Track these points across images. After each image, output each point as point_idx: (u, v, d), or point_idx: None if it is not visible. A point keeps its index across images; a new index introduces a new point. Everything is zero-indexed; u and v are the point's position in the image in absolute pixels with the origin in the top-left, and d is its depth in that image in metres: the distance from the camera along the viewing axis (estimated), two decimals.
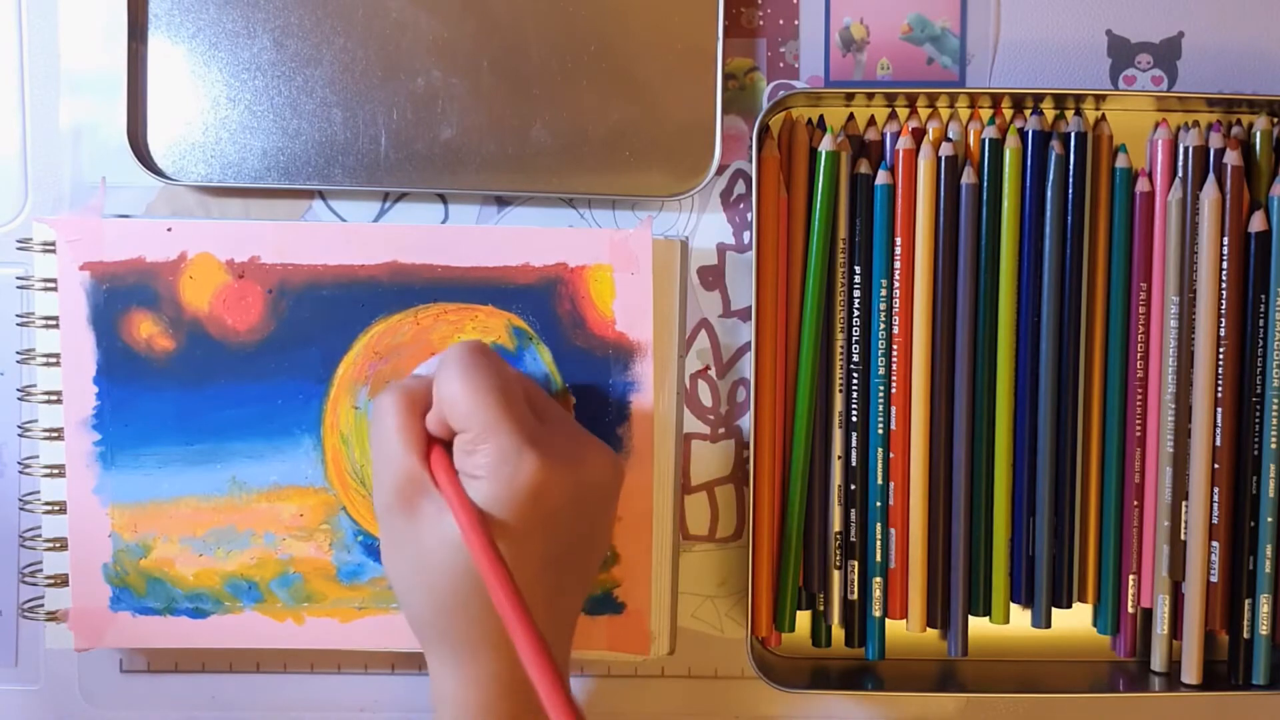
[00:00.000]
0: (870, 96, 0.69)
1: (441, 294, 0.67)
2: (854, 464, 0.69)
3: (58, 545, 0.68)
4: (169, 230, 0.67)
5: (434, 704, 0.59)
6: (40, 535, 0.68)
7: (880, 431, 0.69)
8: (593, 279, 0.67)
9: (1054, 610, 0.70)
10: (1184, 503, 0.68)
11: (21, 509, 0.69)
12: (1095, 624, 0.71)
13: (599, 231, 0.68)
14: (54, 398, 0.67)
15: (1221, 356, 0.68)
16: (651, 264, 0.67)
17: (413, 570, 0.58)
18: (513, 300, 0.67)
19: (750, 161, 0.69)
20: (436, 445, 0.58)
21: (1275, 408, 0.67)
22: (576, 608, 0.62)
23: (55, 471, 0.68)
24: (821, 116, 0.69)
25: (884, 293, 0.68)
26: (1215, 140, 0.68)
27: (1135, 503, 0.69)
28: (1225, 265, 0.67)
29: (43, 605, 0.68)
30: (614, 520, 0.61)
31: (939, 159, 0.68)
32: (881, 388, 0.68)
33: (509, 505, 0.55)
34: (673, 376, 0.68)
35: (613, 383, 0.67)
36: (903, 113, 0.69)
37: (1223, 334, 0.68)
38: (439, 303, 0.67)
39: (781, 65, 0.70)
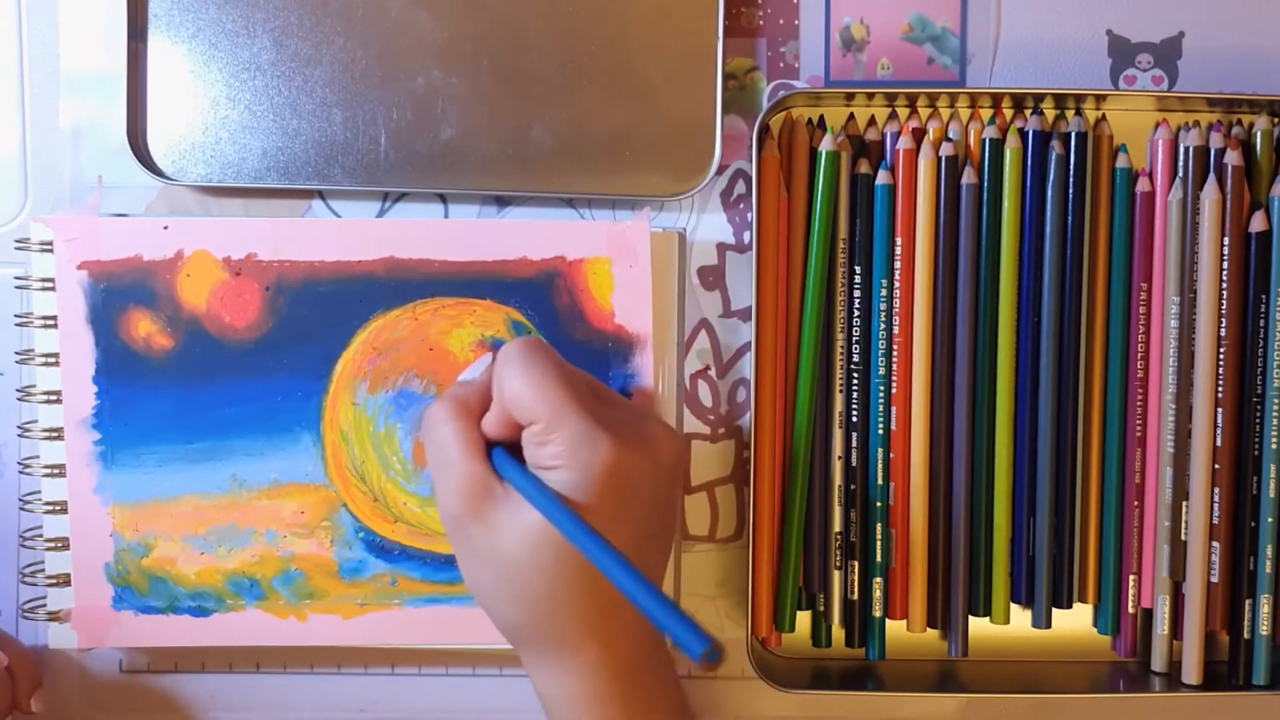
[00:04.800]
0: (870, 96, 0.69)
1: (439, 289, 0.67)
2: (854, 464, 0.69)
3: (59, 545, 0.68)
4: (165, 228, 0.67)
5: (544, 705, 0.59)
6: (41, 535, 0.68)
7: (880, 431, 0.69)
8: (591, 272, 0.67)
9: (1054, 610, 0.70)
10: (1184, 503, 0.68)
11: (22, 509, 0.69)
12: (1095, 624, 0.71)
13: (597, 224, 0.68)
14: (53, 398, 0.67)
15: (1222, 356, 0.68)
16: (649, 256, 0.67)
17: (497, 577, 0.57)
18: (511, 294, 0.67)
19: (750, 161, 0.69)
20: (498, 448, 0.58)
21: (1276, 408, 0.67)
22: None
23: (55, 471, 0.68)
24: (821, 116, 0.69)
25: (884, 293, 0.68)
26: (1216, 140, 0.68)
27: (1135, 503, 0.69)
28: (1225, 265, 0.67)
29: (43, 605, 0.68)
30: (682, 498, 0.61)
31: (939, 159, 0.68)
32: (881, 388, 0.68)
33: (590, 489, 0.55)
34: (672, 368, 0.68)
35: (612, 375, 0.67)
36: (903, 113, 0.69)
37: (1223, 334, 0.68)
38: (437, 297, 0.67)
39: (781, 65, 0.70)
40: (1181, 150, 0.68)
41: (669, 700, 0.60)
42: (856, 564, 0.69)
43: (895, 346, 0.68)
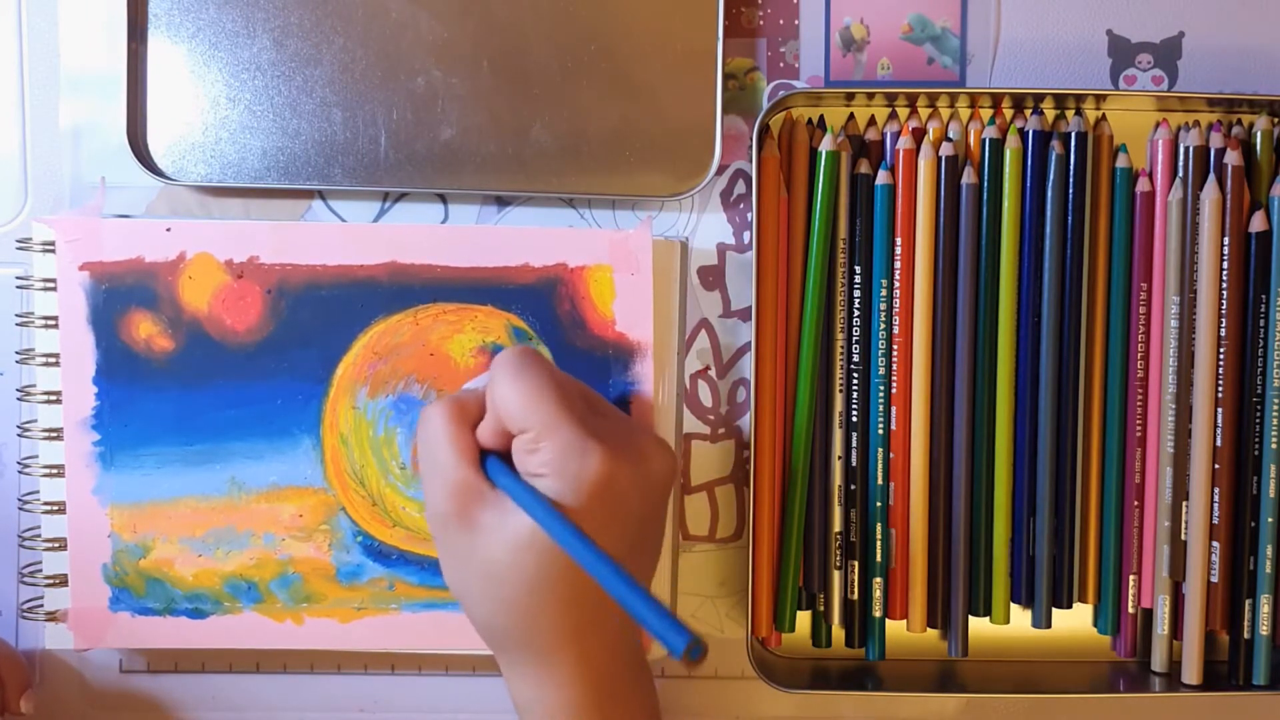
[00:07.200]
0: (870, 96, 0.69)
1: (441, 294, 0.67)
2: (854, 464, 0.69)
3: (57, 545, 0.68)
4: (168, 230, 0.67)
5: (519, 713, 0.59)
6: (40, 535, 0.68)
7: (880, 431, 0.69)
8: (592, 279, 0.67)
9: (1054, 610, 0.70)
10: (1184, 503, 0.68)
11: (21, 509, 0.69)
12: (1095, 624, 0.71)
13: (599, 232, 0.68)
14: (53, 398, 0.67)
15: (1222, 356, 0.68)
16: (651, 264, 0.67)
17: (480, 579, 0.57)
18: (512, 300, 0.67)
19: (750, 161, 0.69)
20: (492, 456, 0.58)
21: (1275, 408, 0.67)
22: None
23: (54, 471, 0.68)
24: (821, 116, 0.69)
25: (884, 293, 0.68)
26: (1216, 140, 0.68)
27: (1135, 503, 0.69)
28: (1225, 265, 0.67)
29: (42, 605, 0.68)
30: (666, 514, 0.61)
31: (939, 159, 0.67)
32: (881, 388, 0.68)
33: (577, 499, 0.55)
34: (672, 377, 0.68)
35: (613, 383, 0.67)
36: (903, 113, 0.69)
37: (1223, 334, 0.68)
38: (438, 303, 0.67)
39: (781, 65, 0.70)
40: (1181, 150, 0.68)
41: (645, 715, 0.60)
42: (856, 564, 0.70)
43: (895, 346, 0.68)
